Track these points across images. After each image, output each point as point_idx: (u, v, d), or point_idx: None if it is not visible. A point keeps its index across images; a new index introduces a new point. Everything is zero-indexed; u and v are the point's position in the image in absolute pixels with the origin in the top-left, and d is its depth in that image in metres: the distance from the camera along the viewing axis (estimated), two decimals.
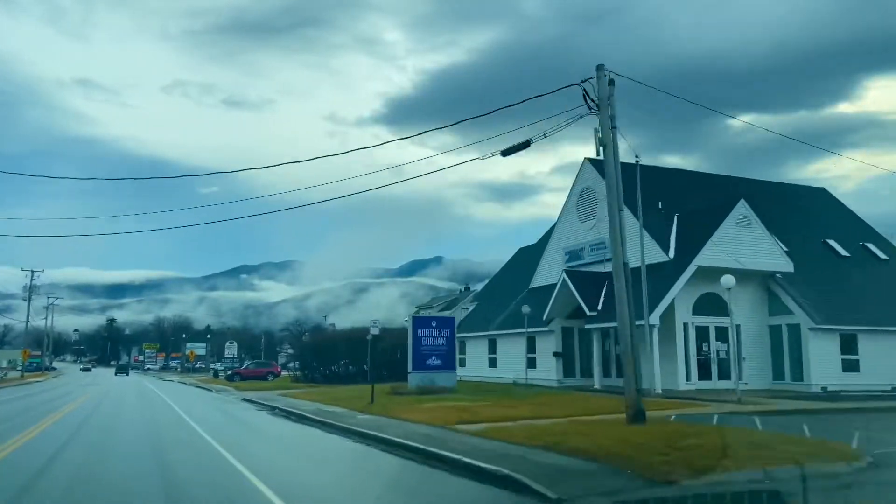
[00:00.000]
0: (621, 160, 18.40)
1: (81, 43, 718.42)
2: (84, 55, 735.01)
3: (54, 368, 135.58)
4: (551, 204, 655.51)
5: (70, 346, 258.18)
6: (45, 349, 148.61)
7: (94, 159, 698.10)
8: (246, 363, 66.34)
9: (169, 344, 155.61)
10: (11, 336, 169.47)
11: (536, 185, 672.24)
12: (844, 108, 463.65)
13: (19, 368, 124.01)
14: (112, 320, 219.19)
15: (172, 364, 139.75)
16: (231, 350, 71.12)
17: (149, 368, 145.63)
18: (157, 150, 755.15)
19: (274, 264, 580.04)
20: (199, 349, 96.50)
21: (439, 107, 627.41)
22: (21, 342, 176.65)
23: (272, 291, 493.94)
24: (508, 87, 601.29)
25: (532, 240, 47.43)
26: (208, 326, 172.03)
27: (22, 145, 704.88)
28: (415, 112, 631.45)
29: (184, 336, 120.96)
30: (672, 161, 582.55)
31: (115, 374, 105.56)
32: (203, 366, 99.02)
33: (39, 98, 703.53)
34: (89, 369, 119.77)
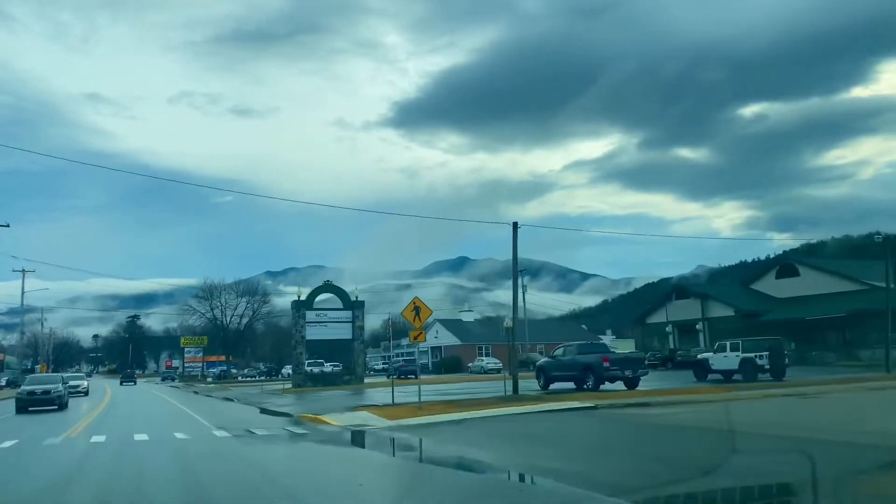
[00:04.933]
0: None
1: (86, 58, 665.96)
2: (90, 70, 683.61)
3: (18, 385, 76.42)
4: (562, 202, 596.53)
5: (85, 353, 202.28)
6: (38, 358, 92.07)
7: (113, 173, 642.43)
8: None
9: (217, 341, 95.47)
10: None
11: (548, 182, 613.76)
12: (858, 92, 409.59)
13: None
14: (135, 317, 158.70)
15: (234, 371, 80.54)
16: None
17: (185, 374, 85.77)
18: (173, 161, 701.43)
19: (298, 270, 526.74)
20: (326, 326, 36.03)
21: (445, 108, 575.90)
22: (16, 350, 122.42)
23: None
24: (513, 86, 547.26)
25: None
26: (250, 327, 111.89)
27: (45, 163, 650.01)
28: (421, 114, 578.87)
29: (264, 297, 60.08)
30: (682, 153, 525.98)
31: (121, 383, 75.31)
32: (313, 370, 38.38)
33: (57, 115, 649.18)
34: (81, 390, 41.77)
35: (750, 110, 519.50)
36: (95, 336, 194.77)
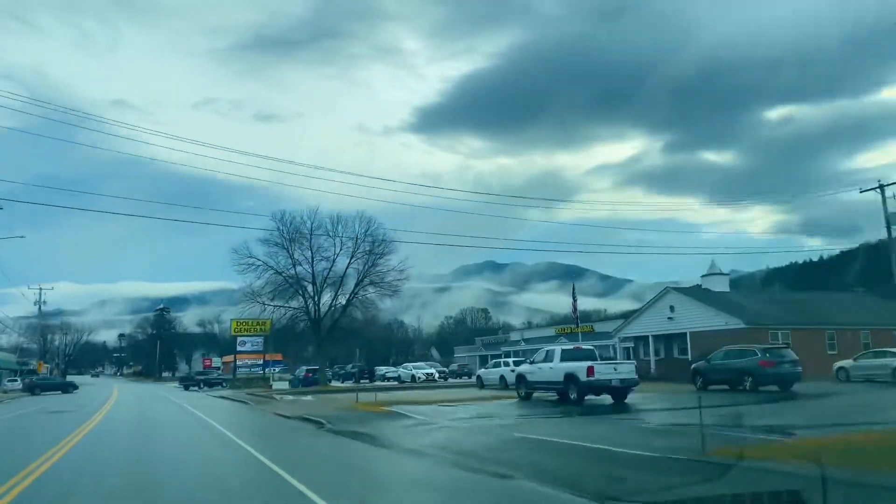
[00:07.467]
0: None
1: (111, 65, 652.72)
2: (115, 77, 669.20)
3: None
4: (587, 207, 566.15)
5: (109, 354, 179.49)
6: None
7: (144, 178, 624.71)
8: None
9: (277, 335, 67.11)
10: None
11: (573, 187, 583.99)
12: (887, 93, 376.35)
13: None
14: (165, 309, 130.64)
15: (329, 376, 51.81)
16: None
17: (236, 378, 57.09)
18: (205, 165, 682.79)
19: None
20: None
21: (465, 113, 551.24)
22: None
23: (327, 297, 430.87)
24: (532, 90, 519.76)
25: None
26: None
27: (79, 168, 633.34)
28: (441, 119, 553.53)
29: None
30: (708, 157, 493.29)
31: (186, 387, 58.33)
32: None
33: (85, 121, 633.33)
34: None
35: (776, 113, 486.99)
36: (121, 335, 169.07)
